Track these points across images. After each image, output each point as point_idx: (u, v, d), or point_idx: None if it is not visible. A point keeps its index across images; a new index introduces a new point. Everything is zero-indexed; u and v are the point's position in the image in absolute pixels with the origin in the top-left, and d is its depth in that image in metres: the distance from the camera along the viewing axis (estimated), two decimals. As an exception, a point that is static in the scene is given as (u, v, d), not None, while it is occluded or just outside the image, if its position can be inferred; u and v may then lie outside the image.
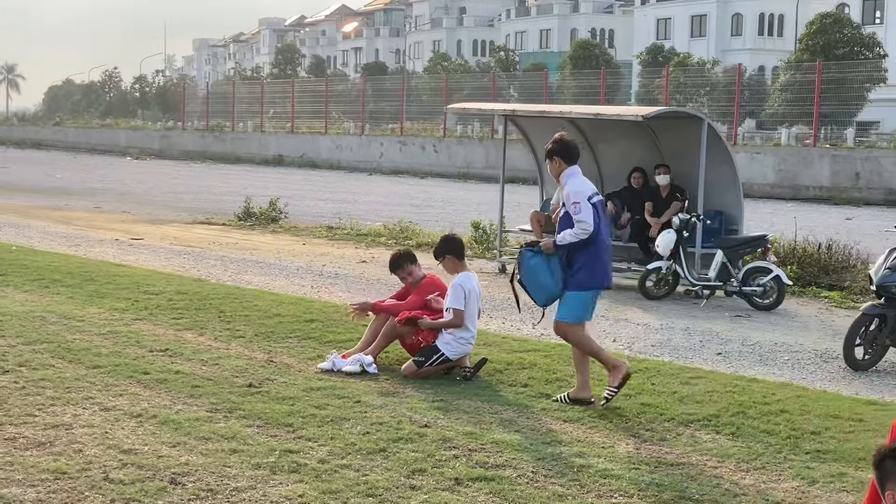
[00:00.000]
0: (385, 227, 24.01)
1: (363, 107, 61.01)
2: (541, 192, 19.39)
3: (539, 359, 10.90)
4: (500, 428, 8.36)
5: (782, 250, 17.19)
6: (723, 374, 10.48)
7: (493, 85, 55.43)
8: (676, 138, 16.97)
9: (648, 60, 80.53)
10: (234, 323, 12.54)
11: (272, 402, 8.94)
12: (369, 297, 15.11)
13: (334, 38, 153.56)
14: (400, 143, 54.67)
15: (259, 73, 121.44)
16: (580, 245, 9.11)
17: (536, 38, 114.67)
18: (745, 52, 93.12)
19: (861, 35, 68.28)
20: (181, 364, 10.31)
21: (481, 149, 50.76)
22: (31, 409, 8.54)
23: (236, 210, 27.74)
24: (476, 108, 20.35)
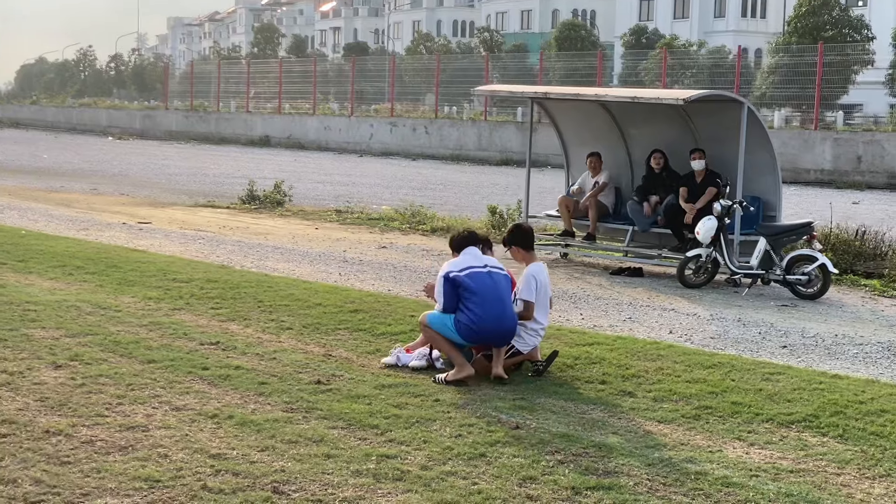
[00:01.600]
0: (397, 211, 23.54)
1: (352, 87, 60.40)
2: (566, 177, 18.97)
3: (605, 353, 10.49)
4: (596, 430, 7.95)
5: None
6: (800, 370, 10.10)
7: (486, 66, 54.83)
8: (712, 122, 16.59)
9: (632, 42, 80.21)
10: (277, 314, 12.10)
11: (347, 400, 8.52)
12: (402, 284, 14.72)
13: (312, 18, 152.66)
14: (390, 125, 54.12)
15: (237, 53, 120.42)
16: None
17: (517, 19, 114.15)
18: (728, 33, 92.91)
19: (849, 17, 68.16)
20: (238, 359, 9.88)
21: (474, 130, 50.29)
22: (98, 409, 8.09)
23: (238, 193, 27.27)
24: (507, 90, 19.90)
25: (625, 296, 14.57)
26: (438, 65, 56.81)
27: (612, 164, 17.93)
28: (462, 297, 9.43)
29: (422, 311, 12.28)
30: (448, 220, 22.39)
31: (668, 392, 9.05)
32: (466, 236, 9.96)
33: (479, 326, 9.32)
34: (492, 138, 49.00)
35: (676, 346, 11.09)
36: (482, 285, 9.42)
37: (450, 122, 52.50)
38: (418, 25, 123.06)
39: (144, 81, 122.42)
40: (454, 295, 9.46)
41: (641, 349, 10.74)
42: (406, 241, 19.89)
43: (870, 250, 17.19)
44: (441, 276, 9.57)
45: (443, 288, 9.53)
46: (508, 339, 9.52)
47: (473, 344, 9.52)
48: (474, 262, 9.61)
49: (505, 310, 9.48)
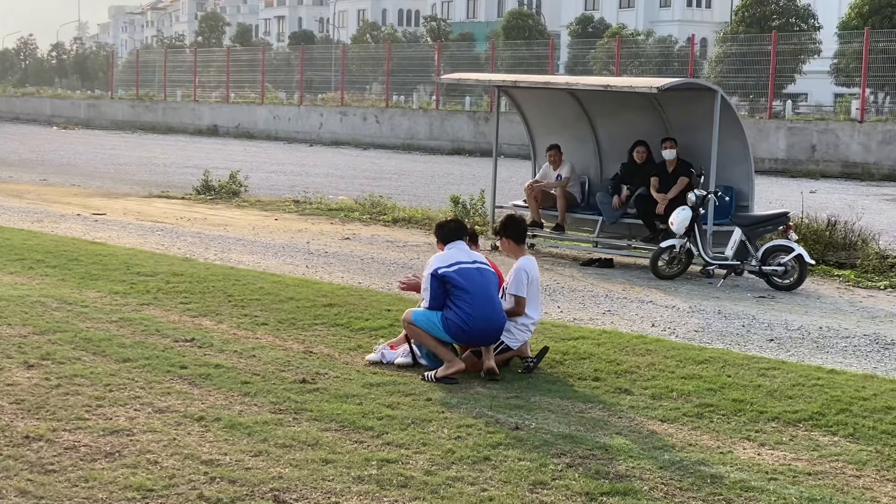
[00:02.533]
0: (356, 201, 23.17)
1: (301, 77, 59.79)
2: (533, 167, 18.68)
3: (593, 347, 10.22)
4: (599, 430, 7.67)
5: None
6: (795, 365, 9.87)
7: (438, 56, 54.43)
8: (684, 111, 16.36)
9: (578, 31, 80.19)
10: (250, 308, 11.74)
11: (336, 400, 8.19)
12: (372, 277, 14.40)
13: (256, 7, 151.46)
14: (340, 114, 53.60)
15: (181, 42, 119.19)
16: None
17: (463, 8, 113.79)
18: (673, 23, 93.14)
19: (796, 6, 68.46)
20: (216, 356, 9.51)
21: (425, 119, 49.92)
22: (78, 412, 7.71)
23: (192, 183, 26.81)
24: (473, 78, 19.52)
25: (599, 288, 14.32)
26: (389, 54, 56.35)
27: (580, 154, 17.68)
28: (451, 295, 9.11)
29: (396, 304, 12.04)
30: (409, 210, 22.07)
31: (666, 389, 8.78)
32: (455, 228, 9.62)
33: (469, 326, 9.00)
34: (443, 127, 48.66)
35: (663, 340, 10.84)
36: (472, 283, 9.11)
37: (400, 112, 52.09)
38: (363, 14, 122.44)
39: (87, 71, 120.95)
40: (442, 292, 9.13)
41: (628, 343, 10.48)
42: (369, 233, 19.53)
43: (839, 240, 17.05)
44: (429, 272, 9.22)
45: (430, 284, 9.19)
46: (497, 338, 9.22)
47: (462, 343, 9.20)
48: (463, 258, 9.29)
49: (495, 308, 9.18)
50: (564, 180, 17.25)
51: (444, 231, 9.58)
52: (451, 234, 9.53)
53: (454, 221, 9.79)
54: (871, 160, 36.22)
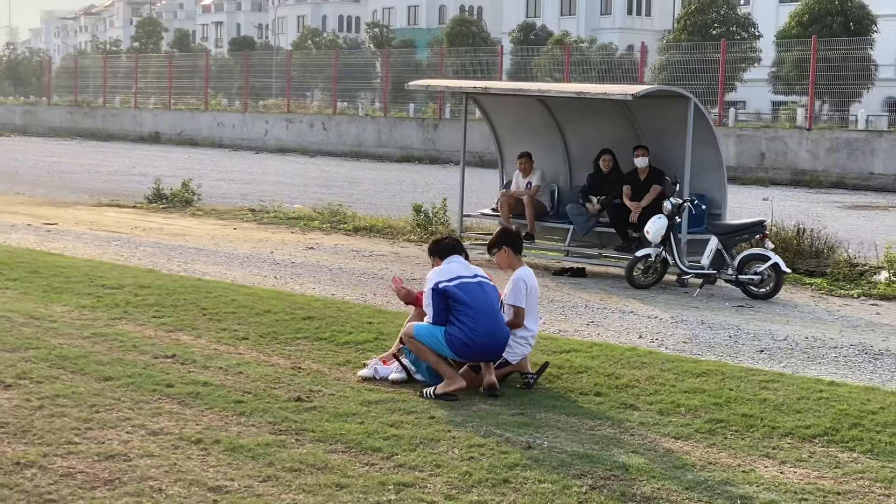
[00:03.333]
0: (315, 210, 22.80)
1: (246, 83, 59.21)
2: (500, 175, 18.42)
3: (587, 361, 9.97)
4: (614, 448, 7.41)
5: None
6: (794, 377, 9.68)
7: (386, 62, 54.14)
8: (655, 118, 16.19)
9: (520, 38, 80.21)
10: (226, 322, 11.37)
11: (336, 419, 7.86)
12: (344, 288, 14.09)
13: (193, 12, 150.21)
14: (286, 121, 53.11)
15: (117, 48, 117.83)
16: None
17: (404, 15, 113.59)
18: (614, 30, 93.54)
19: (736, 15, 68.91)
20: (201, 373, 9.15)
21: (373, 126, 49.60)
22: (67, 435, 7.32)
23: (142, 191, 26.33)
24: (443, 85, 19.23)
25: (576, 297, 14.08)
26: (336, 60, 55.93)
27: (549, 162, 17.45)
28: (453, 310, 8.82)
29: (376, 317, 11.74)
30: (370, 219, 21.76)
31: (672, 404, 8.54)
32: (453, 243, 9.34)
33: (473, 341, 8.72)
34: (391, 134, 48.36)
35: (655, 352, 10.61)
36: (474, 297, 8.83)
37: (348, 118, 51.71)
38: (303, 20, 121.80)
39: (20, 76, 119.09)
40: (444, 307, 8.84)
41: (622, 356, 10.24)
42: (332, 242, 19.19)
43: (807, 248, 16.96)
44: (430, 287, 8.92)
45: (431, 300, 8.89)
46: (500, 354, 8.94)
47: (465, 359, 8.91)
48: (463, 272, 9.01)
49: (498, 323, 8.91)
50: (534, 188, 17.01)
51: (440, 246, 9.30)
52: (448, 249, 9.26)
53: (450, 237, 9.50)
54: (819, 168, 36.37)
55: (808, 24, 57.77)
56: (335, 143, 50.09)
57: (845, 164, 35.69)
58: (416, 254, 17.95)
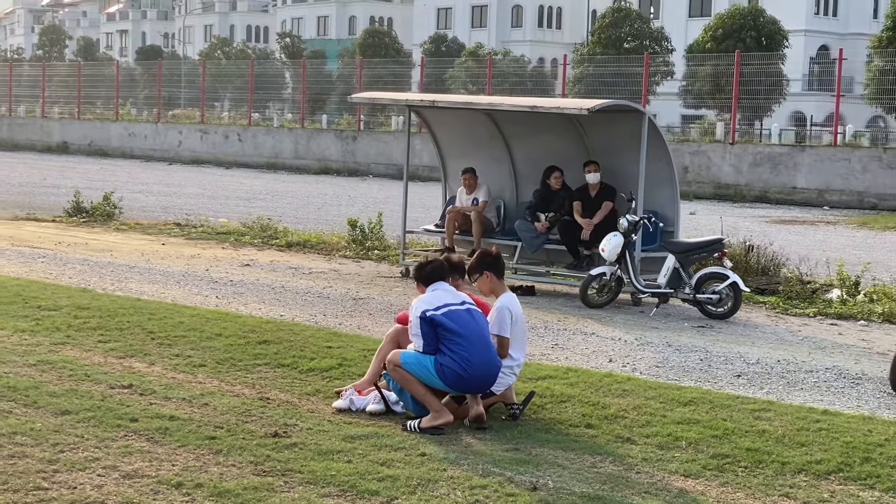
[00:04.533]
0: (244, 225, 22.12)
1: (159, 93, 58.01)
2: (444, 190, 17.94)
3: (566, 388, 9.53)
4: (624, 488, 6.96)
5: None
6: (784, 406, 9.32)
7: (302, 73, 53.36)
8: (606, 133, 15.82)
9: (432, 50, 79.90)
10: (178, 347, 10.76)
11: (321, 458, 7.33)
12: (291, 308, 13.54)
13: (97, 20, 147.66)
14: (201, 132, 52.11)
15: (20, 55, 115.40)
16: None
17: (314, 25, 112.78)
18: (525, 43, 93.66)
19: (650, 29, 69.33)
20: (164, 405, 8.55)
21: (290, 138, 48.84)
22: (33, 480, 6.70)
23: (55, 203, 25.53)
24: (389, 98, 18.68)
25: (533, 318, 13.62)
26: (252, 70, 55.06)
27: (495, 177, 17.01)
28: (443, 339, 8.30)
29: (333, 340, 11.24)
30: (303, 234, 21.17)
31: (669, 437, 8.12)
32: (437, 268, 8.79)
33: (468, 372, 8.21)
34: (309, 146, 47.65)
35: (634, 378, 10.20)
36: (465, 326, 8.32)
37: (264, 130, 50.90)
38: (211, 30, 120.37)
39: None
40: (434, 335, 8.32)
41: (601, 383, 9.82)
42: (267, 258, 18.57)
43: (754, 265, 16.74)
44: (417, 316, 8.39)
45: (420, 329, 8.36)
46: (492, 384, 8.44)
47: (457, 391, 8.40)
48: (451, 300, 8.49)
49: (492, 352, 8.42)
50: (482, 204, 16.57)
51: (424, 272, 8.76)
52: (432, 274, 8.72)
53: (435, 261, 8.95)
54: (742, 182, 36.43)
55: (722, 38, 58.23)
56: (251, 154, 49.25)
57: (768, 179, 35.79)
58: (356, 271, 17.43)
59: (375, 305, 14.27)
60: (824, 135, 57.48)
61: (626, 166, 15.55)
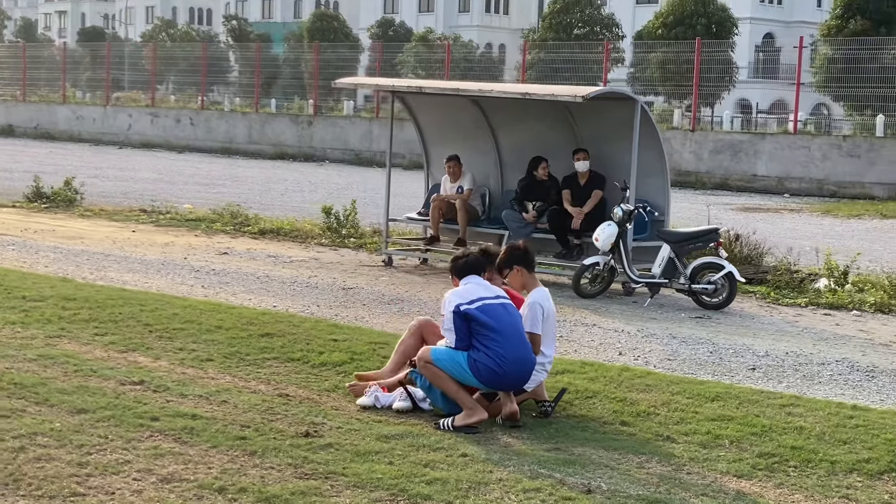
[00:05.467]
0: (214, 211, 21.70)
1: (108, 75, 57.07)
2: (426, 178, 17.65)
3: (587, 383, 9.30)
4: (680, 491, 6.75)
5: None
6: (813, 401, 9.12)
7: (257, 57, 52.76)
8: (596, 120, 15.60)
9: (379, 34, 79.37)
10: (179, 340, 10.42)
11: (361, 460, 7.05)
12: (283, 299, 13.24)
13: (35, 1, 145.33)
14: (151, 115, 51.33)
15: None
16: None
17: (258, 8, 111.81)
18: (472, 28, 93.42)
19: (601, 15, 69.28)
20: (182, 403, 8.23)
21: (244, 122, 48.23)
22: (67, 484, 6.39)
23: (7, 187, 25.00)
24: (373, 83, 18.25)
25: (528, 309, 13.39)
26: (205, 53, 54.30)
27: (479, 164, 16.74)
28: (477, 334, 8.03)
29: (337, 333, 10.96)
30: (276, 221, 20.82)
31: (708, 436, 7.91)
32: (472, 262, 8.52)
33: (503, 369, 7.95)
34: (264, 131, 47.09)
35: (653, 372, 10.01)
36: (500, 321, 8.05)
37: (217, 114, 50.22)
38: (152, 11, 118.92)
39: None
40: (467, 330, 8.05)
41: (620, 377, 9.60)
42: (243, 246, 18.21)
43: (738, 255, 16.61)
44: (449, 310, 8.11)
45: (453, 323, 8.08)
46: (527, 381, 8.19)
47: (491, 388, 8.14)
48: (485, 293, 8.22)
49: (527, 348, 8.16)
50: (467, 192, 16.29)
51: (459, 265, 8.48)
52: (467, 267, 8.45)
53: (471, 254, 8.67)
54: (703, 169, 36.41)
55: (673, 24, 58.30)
56: (204, 139, 48.60)
57: (729, 166, 35.79)
58: (336, 259, 17.13)
59: (366, 295, 13.98)
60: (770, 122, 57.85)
61: (616, 155, 15.35)
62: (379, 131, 43.44)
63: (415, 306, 13.35)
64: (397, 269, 16.44)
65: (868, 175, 33.02)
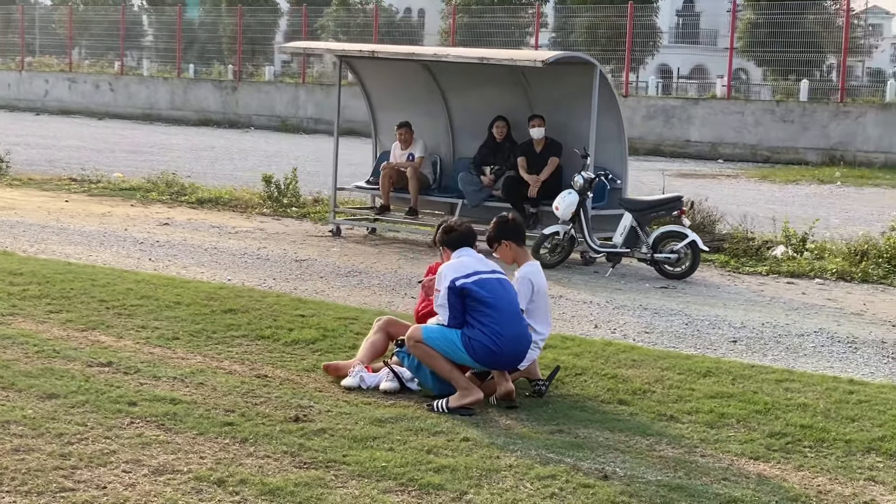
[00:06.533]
0: (148, 180, 21.07)
1: (23, 39, 55.57)
2: (374, 145, 17.18)
3: (572, 359, 8.98)
4: (701, 475, 6.43)
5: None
6: (804, 375, 8.88)
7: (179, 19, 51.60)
8: (552, 86, 15.25)
9: (296, -1, 78.19)
10: (139, 318, 9.93)
11: (359, 446, 6.66)
12: (235, 271, 12.79)
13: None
14: (69, 81, 50.09)
15: None
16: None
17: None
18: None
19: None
20: (157, 386, 7.77)
21: (166, 88, 47.24)
22: (53, 478, 5.93)
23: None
24: (324, 47, 17.57)
25: (490, 280, 13.04)
26: (123, 16, 53.03)
27: (430, 131, 16.33)
28: (472, 310, 7.64)
29: (302, 308, 10.55)
30: (213, 190, 20.28)
31: (711, 414, 7.61)
32: (465, 233, 8.13)
33: (499, 347, 7.56)
34: (186, 97, 46.14)
35: (636, 347, 9.72)
36: (496, 296, 7.66)
37: (137, 80, 49.11)
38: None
39: None
40: (461, 307, 7.66)
41: (604, 352, 9.30)
42: (183, 216, 17.66)
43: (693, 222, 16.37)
44: (444, 285, 7.70)
45: (447, 299, 7.69)
46: (522, 360, 7.82)
47: (487, 367, 7.76)
48: (480, 267, 7.83)
49: (523, 325, 7.78)
50: (418, 160, 15.88)
51: (453, 237, 8.08)
52: (460, 239, 8.05)
53: (463, 225, 8.27)
54: (635, 134, 36.09)
55: (601, -11, 58.03)
56: (125, 105, 47.52)
57: (661, 132, 35.68)
58: (281, 230, 16.69)
59: (321, 267, 13.55)
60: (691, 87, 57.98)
61: (572, 121, 15.04)
62: (306, 97, 42.78)
63: (374, 278, 12.96)
64: (346, 240, 16.01)
65: (801, 140, 33.07)
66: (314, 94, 42.36)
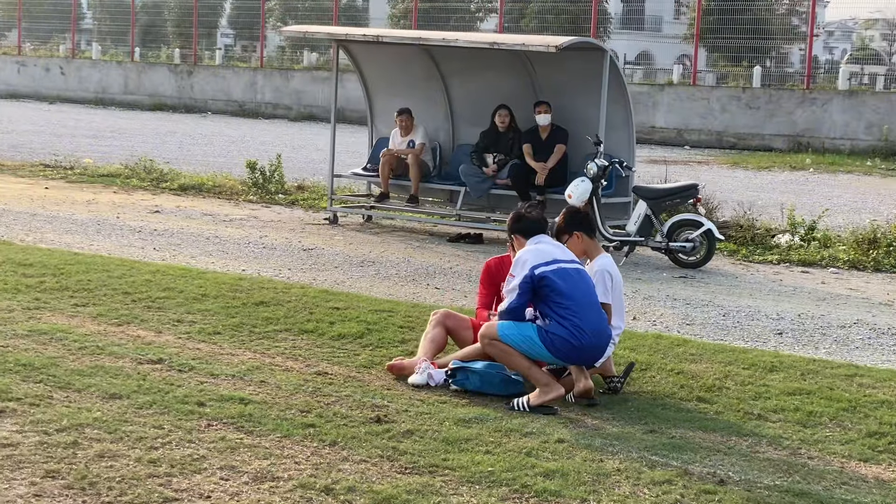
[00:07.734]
0: (127, 166, 20.56)
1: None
2: (370, 131, 16.79)
3: (629, 353, 8.69)
4: (817, 480, 6.19)
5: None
6: (873, 370, 8.66)
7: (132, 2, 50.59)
8: (557, 72, 14.96)
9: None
10: (172, 311, 9.57)
11: (454, 449, 6.36)
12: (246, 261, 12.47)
13: None
14: (18, 64, 49.05)
15: None
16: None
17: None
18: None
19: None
20: (218, 384, 7.42)
21: (119, 72, 46.36)
22: (152, 488, 5.56)
23: None
24: (325, 31, 17.07)
25: (506, 270, 12.75)
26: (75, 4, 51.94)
27: (430, 117, 15.99)
28: (549, 302, 7.30)
29: (334, 301, 10.22)
30: (196, 177, 19.84)
31: (799, 413, 7.37)
32: (539, 218, 7.80)
33: (581, 342, 7.23)
34: (140, 81, 45.31)
35: (688, 340, 9.46)
36: (576, 288, 7.34)
37: (90, 63, 48.15)
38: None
39: None
40: (532, 296, 7.34)
41: (657, 346, 9.08)
42: (170, 204, 17.23)
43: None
44: (524, 272, 7.35)
45: (520, 287, 7.32)
46: (602, 355, 7.52)
47: (566, 363, 7.45)
48: (560, 255, 7.50)
49: (603, 319, 7.48)
50: (419, 147, 15.54)
51: (526, 223, 7.74)
52: (533, 226, 7.73)
53: (534, 210, 7.93)
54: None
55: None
56: (76, 89, 46.60)
57: (626, 118, 35.46)
58: (275, 217, 16.34)
59: (332, 257, 13.22)
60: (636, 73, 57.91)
61: (578, 107, 14.78)
62: (263, 82, 42.20)
63: (389, 268, 12.65)
64: (344, 228, 15.66)
65: (767, 127, 33.03)
66: (272, 78, 41.78)
